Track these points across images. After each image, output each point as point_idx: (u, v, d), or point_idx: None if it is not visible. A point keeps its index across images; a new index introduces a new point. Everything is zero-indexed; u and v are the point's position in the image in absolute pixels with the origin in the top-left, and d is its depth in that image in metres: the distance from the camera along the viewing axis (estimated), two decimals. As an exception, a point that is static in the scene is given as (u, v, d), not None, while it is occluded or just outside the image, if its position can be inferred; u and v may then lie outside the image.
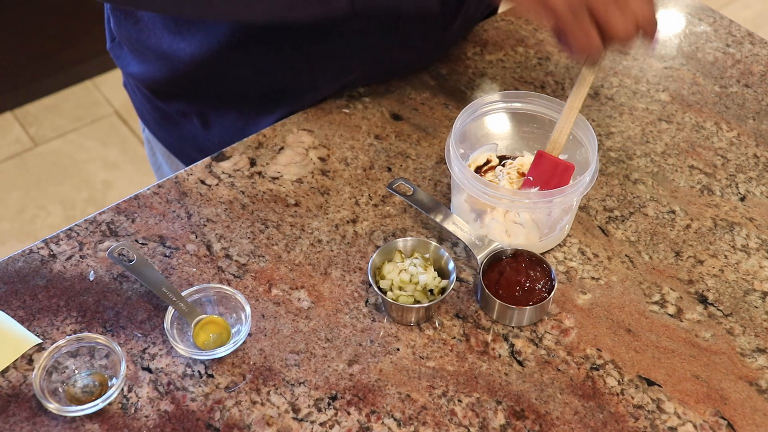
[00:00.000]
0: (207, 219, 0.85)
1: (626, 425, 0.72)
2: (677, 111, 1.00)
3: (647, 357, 0.76)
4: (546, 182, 0.81)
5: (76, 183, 2.22)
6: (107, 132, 2.35)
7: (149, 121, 1.09)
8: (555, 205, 0.78)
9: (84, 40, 2.40)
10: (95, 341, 0.73)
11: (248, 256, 0.82)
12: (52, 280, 0.80)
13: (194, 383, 0.73)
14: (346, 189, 0.89)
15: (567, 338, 0.77)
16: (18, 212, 2.14)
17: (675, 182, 0.92)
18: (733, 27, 1.11)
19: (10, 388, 0.72)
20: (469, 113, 0.85)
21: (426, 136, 0.95)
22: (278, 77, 0.95)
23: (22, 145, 2.30)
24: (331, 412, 0.72)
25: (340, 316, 0.78)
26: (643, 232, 0.87)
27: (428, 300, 0.77)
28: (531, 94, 0.86)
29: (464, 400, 0.73)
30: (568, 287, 0.81)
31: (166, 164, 1.13)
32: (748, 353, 0.77)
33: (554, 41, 1.07)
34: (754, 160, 0.94)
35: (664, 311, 0.80)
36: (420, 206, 0.83)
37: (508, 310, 0.77)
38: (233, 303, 0.76)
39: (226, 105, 0.99)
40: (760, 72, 1.05)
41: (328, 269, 0.82)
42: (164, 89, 1.01)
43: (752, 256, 0.85)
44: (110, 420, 0.70)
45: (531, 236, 0.82)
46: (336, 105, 0.98)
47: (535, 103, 0.86)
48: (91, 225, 0.84)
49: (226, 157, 0.92)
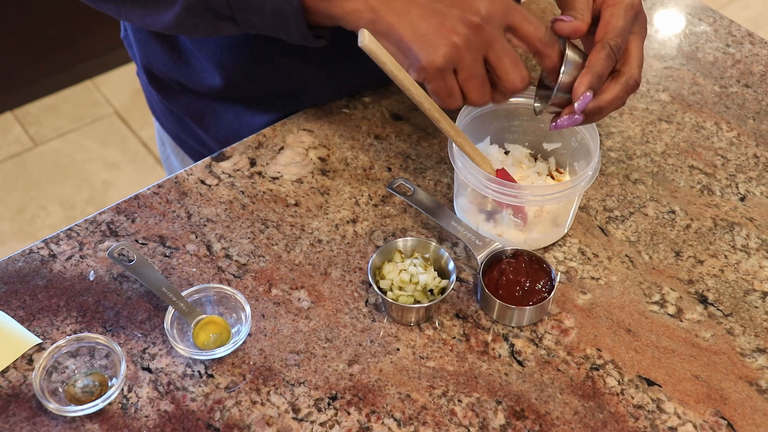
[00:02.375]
0: (207, 219, 0.85)
1: (626, 425, 0.72)
2: (677, 111, 1.00)
3: (647, 357, 0.76)
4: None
5: (76, 183, 2.22)
6: (107, 132, 2.35)
7: (157, 111, 1.10)
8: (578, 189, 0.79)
9: (84, 40, 2.40)
10: (95, 341, 0.73)
11: (248, 256, 0.82)
12: (52, 280, 0.80)
13: (194, 383, 0.73)
14: (346, 189, 0.89)
15: (567, 338, 0.78)
16: (18, 212, 2.14)
17: (675, 182, 0.92)
18: (733, 27, 1.11)
19: (10, 388, 0.72)
20: (468, 112, 0.85)
21: (426, 136, 0.95)
22: (278, 80, 0.95)
23: (22, 145, 2.30)
24: (331, 412, 0.72)
25: (340, 316, 0.78)
26: (643, 232, 0.87)
27: (428, 300, 0.77)
28: None
29: (464, 400, 0.73)
30: (568, 287, 0.81)
31: (174, 155, 1.14)
32: (748, 353, 0.77)
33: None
34: (754, 160, 0.94)
35: (664, 311, 0.80)
36: (420, 206, 0.83)
37: (508, 310, 0.77)
38: (233, 303, 0.77)
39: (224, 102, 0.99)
40: (760, 72, 1.05)
41: (328, 269, 0.82)
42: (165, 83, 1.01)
43: (752, 256, 0.85)
44: (110, 420, 0.70)
45: (550, 229, 0.82)
46: (336, 105, 0.98)
47: (527, 96, 0.86)
48: (91, 225, 0.85)
49: (226, 157, 0.92)
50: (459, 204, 0.86)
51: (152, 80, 1.02)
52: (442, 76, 0.73)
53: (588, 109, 0.76)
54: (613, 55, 0.75)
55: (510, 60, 0.73)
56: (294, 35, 0.77)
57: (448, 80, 0.73)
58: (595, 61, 0.74)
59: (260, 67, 0.93)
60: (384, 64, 0.73)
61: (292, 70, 0.93)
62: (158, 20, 0.81)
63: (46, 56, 2.38)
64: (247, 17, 0.77)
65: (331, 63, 0.93)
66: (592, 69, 0.74)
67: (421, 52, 0.71)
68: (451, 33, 0.71)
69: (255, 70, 0.93)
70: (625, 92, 0.77)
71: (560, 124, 0.77)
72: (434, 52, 0.71)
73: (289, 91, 0.96)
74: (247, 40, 0.91)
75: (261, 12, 0.75)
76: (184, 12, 0.77)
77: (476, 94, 0.75)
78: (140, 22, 0.84)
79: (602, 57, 0.74)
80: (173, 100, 1.02)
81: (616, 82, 0.76)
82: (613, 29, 0.75)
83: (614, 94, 0.76)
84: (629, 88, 0.77)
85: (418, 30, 0.71)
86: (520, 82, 0.74)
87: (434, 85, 0.74)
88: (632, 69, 0.77)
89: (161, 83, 1.02)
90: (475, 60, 0.72)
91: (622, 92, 0.76)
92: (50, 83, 2.42)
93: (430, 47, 0.71)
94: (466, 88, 0.74)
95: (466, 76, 0.73)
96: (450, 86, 0.74)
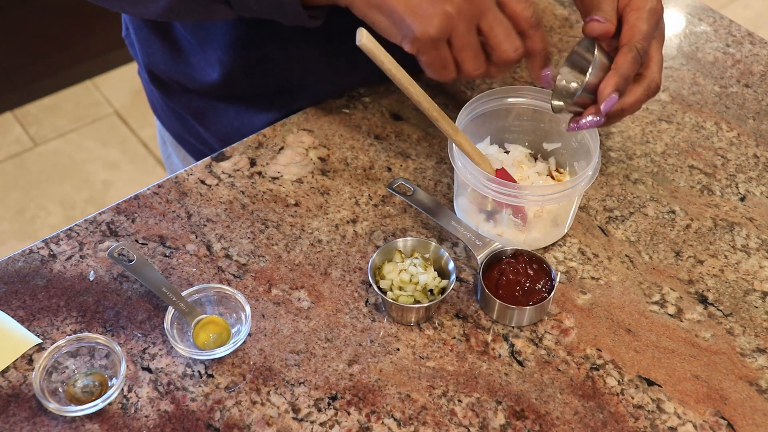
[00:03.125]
0: (207, 219, 0.85)
1: (626, 425, 0.72)
2: (677, 111, 1.00)
3: (647, 357, 0.76)
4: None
5: (76, 183, 2.22)
6: (107, 132, 2.35)
7: (158, 110, 1.10)
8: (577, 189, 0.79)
9: (84, 40, 2.40)
10: (95, 341, 0.73)
11: (248, 256, 0.82)
12: (52, 280, 0.80)
13: (194, 383, 0.73)
14: (346, 189, 0.89)
15: (567, 338, 0.78)
16: (18, 212, 2.14)
17: (675, 182, 0.92)
18: (733, 27, 1.11)
19: (10, 388, 0.72)
20: (468, 111, 0.85)
21: (426, 136, 0.95)
22: (277, 77, 0.95)
23: (22, 145, 2.30)
24: (331, 412, 0.72)
25: (340, 316, 0.78)
26: (643, 232, 0.87)
27: (428, 300, 0.77)
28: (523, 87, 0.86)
29: (464, 400, 0.73)
30: (568, 287, 0.81)
31: (175, 154, 1.14)
32: (748, 353, 0.77)
33: (554, 41, 1.07)
34: (754, 160, 0.94)
35: (664, 311, 0.80)
36: (420, 206, 0.83)
37: (508, 310, 0.77)
38: (233, 303, 0.77)
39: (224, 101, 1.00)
40: (760, 72, 1.05)
41: (328, 269, 0.82)
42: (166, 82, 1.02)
43: (752, 256, 0.85)
44: (110, 420, 0.70)
45: (550, 229, 0.82)
46: (336, 105, 0.98)
47: (527, 96, 0.86)
48: (91, 225, 0.85)
49: (226, 157, 0.92)
50: (459, 204, 0.86)
51: (153, 79, 1.02)
52: (436, 47, 0.73)
53: (611, 111, 0.76)
54: (639, 58, 0.75)
55: (502, 29, 0.74)
56: (289, 16, 0.77)
57: (442, 51, 0.73)
58: (622, 63, 0.75)
59: (259, 65, 0.93)
60: (382, 63, 0.73)
61: (290, 67, 0.94)
62: (151, 6, 0.80)
63: (46, 56, 2.38)
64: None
65: (329, 59, 0.93)
66: (619, 71, 0.74)
67: (415, 23, 0.71)
68: (444, 2, 0.71)
69: (254, 67, 0.93)
70: (646, 96, 0.77)
71: (582, 125, 0.77)
72: (427, 23, 0.71)
73: (288, 88, 0.96)
74: (246, 38, 0.91)
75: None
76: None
77: (471, 64, 0.75)
78: (133, 10, 0.83)
79: (629, 60, 0.75)
80: (174, 98, 1.03)
81: (639, 85, 0.77)
82: (639, 33, 0.76)
83: (636, 96, 0.77)
84: (651, 92, 0.77)
85: (411, 1, 0.71)
86: (513, 52, 0.74)
87: (428, 56, 0.73)
88: (654, 73, 0.77)
89: (162, 82, 1.02)
90: (468, 29, 0.73)
91: (644, 95, 0.77)
92: (50, 83, 2.42)
93: (423, 18, 0.71)
94: (461, 58, 0.74)
95: (459, 46, 0.73)
96: (444, 57, 0.74)
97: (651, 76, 0.77)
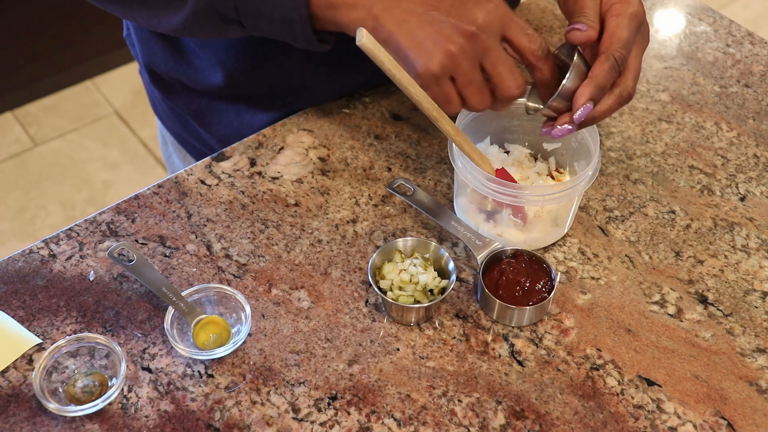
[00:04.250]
0: (207, 219, 0.85)
1: (626, 425, 0.72)
2: (677, 111, 1.00)
3: (647, 357, 0.76)
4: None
5: (76, 183, 2.22)
6: (107, 132, 2.35)
7: (159, 110, 1.11)
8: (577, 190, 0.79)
9: (84, 40, 2.40)
10: (95, 341, 0.73)
11: (248, 256, 0.82)
12: (52, 280, 0.80)
13: (194, 383, 0.73)
14: (346, 189, 0.89)
15: (567, 338, 0.78)
16: (18, 212, 2.14)
17: (675, 182, 0.92)
18: (733, 27, 1.11)
19: (10, 388, 0.72)
20: (468, 111, 0.85)
21: (426, 136, 0.95)
22: (279, 79, 0.95)
23: (22, 145, 2.30)
24: (331, 412, 0.72)
25: (340, 316, 0.78)
26: (643, 232, 0.87)
27: (428, 300, 0.77)
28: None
29: (464, 400, 0.73)
30: (568, 287, 0.81)
31: (176, 154, 1.15)
32: (748, 353, 0.77)
33: (554, 41, 1.07)
34: (754, 160, 0.94)
35: (664, 311, 0.80)
36: (420, 206, 0.83)
37: (508, 310, 0.77)
38: (233, 303, 0.77)
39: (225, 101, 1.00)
40: (760, 72, 1.05)
41: (328, 269, 0.82)
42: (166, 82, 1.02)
43: (752, 256, 0.85)
44: (110, 420, 0.70)
45: (550, 229, 0.82)
46: (336, 105, 0.98)
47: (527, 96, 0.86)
48: (91, 225, 0.85)
49: (226, 157, 0.92)
50: (459, 204, 0.86)
51: (154, 79, 1.03)
52: (438, 83, 0.75)
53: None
54: (616, 67, 0.75)
55: (506, 68, 0.75)
56: (299, 40, 0.79)
57: (445, 87, 0.75)
58: (598, 72, 0.75)
59: (261, 66, 0.93)
60: (382, 63, 0.73)
61: (292, 69, 0.94)
62: (165, 22, 0.82)
63: (46, 56, 2.38)
64: (255, 22, 0.78)
65: (331, 62, 0.93)
66: (595, 80, 0.75)
67: (417, 59, 0.73)
68: (447, 41, 0.73)
69: (256, 68, 0.94)
70: (618, 104, 0.77)
71: (555, 134, 0.78)
72: (429, 59, 0.73)
73: (290, 90, 0.96)
74: (248, 40, 0.91)
75: (269, 18, 0.77)
76: (192, 15, 0.79)
77: (475, 100, 0.76)
78: (147, 23, 0.84)
79: (606, 69, 0.75)
80: (175, 98, 1.03)
81: (611, 94, 0.77)
82: (618, 41, 0.76)
83: (608, 105, 0.77)
84: (623, 100, 0.78)
85: (416, 38, 0.73)
86: (516, 89, 0.76)
87: (431, 91, 0.75)
88: (627, 81, 0.77)
89: (163, 82, 1.02)
90: (471, 67, 0.74)
91: (616, 104, 0.77)
92: (50, 83, 2.42)
93: (425, 54, 0.73)
94: (465, 94, 0.76)
95: (463, 83, 0.75)
96: (447, 92, 0.76)
97: (623, 84, 0.77)
